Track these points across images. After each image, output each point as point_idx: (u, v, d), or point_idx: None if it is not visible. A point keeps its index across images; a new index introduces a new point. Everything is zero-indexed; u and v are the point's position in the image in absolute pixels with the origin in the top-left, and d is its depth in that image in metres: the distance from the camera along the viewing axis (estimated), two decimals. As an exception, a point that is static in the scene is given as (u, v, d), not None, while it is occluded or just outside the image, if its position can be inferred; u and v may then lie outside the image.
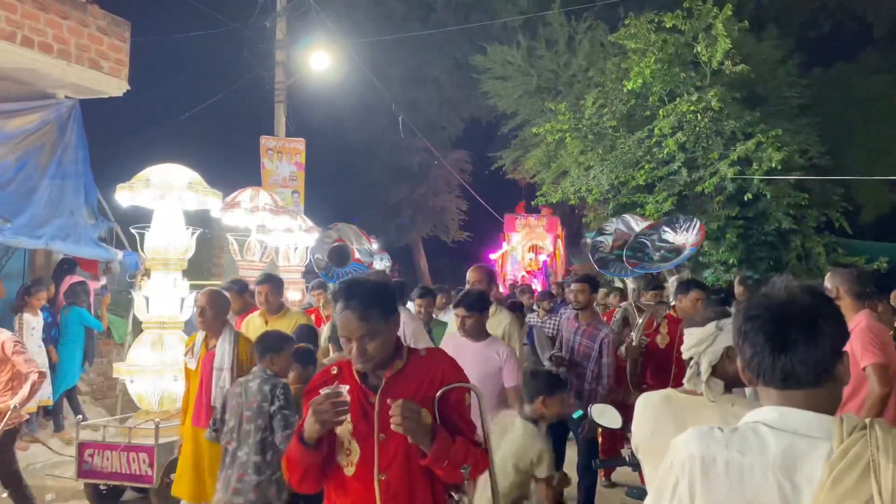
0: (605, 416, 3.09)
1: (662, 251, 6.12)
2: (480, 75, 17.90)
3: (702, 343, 2.30)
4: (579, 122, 13.49)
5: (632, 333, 5.56)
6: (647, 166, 12.51)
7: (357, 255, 7.66)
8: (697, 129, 12.05)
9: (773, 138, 11.40)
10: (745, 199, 11.83)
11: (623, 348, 5.39)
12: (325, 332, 5.74)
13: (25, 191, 8.45)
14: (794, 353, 1.38)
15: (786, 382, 1.39)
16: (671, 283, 6.39)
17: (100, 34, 8.90)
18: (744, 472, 1.34)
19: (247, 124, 16.02)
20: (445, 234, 24.40)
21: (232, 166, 14.90)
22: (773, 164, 11.22)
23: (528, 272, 19.31)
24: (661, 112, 12.32)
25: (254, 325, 5.57)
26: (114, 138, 14.60)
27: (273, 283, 5.75)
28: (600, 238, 6.76)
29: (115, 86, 9.27)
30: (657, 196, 12.39)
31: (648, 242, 6.26)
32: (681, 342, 3.81)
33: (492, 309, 4.82)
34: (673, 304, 5.57)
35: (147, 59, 12.01)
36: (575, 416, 4.29)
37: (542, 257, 19.70)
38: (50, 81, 8.92)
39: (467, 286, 5.25)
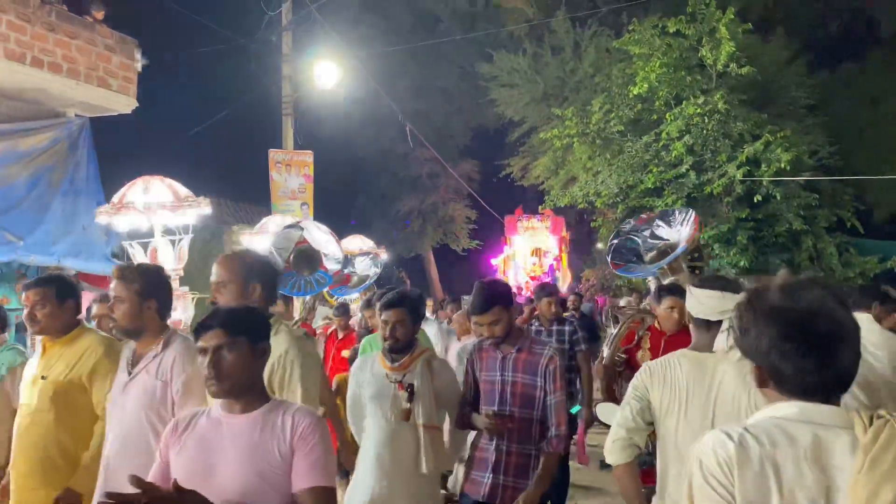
0: (611, 413, 3.03)
1: (656, 250, 5.42)
2: (487, 83, 17.98)
3: None
4: (586, 128, 13.50)
5: (603, 348, 4.84)
6: (655, 170, 12.48)
7: (325, 262, 6.49)
8: (705, 131, 12.02)
9: (782, 139, 11.35)
10: (755, 200, 11.77)
11: (595, 366, 4.76)
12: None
13: (38, 208, 8.55)
14: (841, 372, 1.41)
15: (823, 396, 1.41)
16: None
17: (108, 53, 9.02)
18: (778, 466, 1.36)
19: (255, 138, 16.14)
20: (455, 243, 24.42)
21: (241, 180, 15.03)
22: (782, 165, 11.17)
23: (532, 278, 18.55)
24: (668, 116, 12.31)
25: None
26: (124, 155, 14.74)
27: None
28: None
29: (124, 103, 9.39)
30: (666, 199, 12.35)
31: (640, 240, 5.63)
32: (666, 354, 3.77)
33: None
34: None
35: (155, 76, 12.14)
36: (573, 410, 4.22)
37: (548, 261, 18.93)
38: (60, 100, 9.04)
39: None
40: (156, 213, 6.49)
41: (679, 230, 5.38)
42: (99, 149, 9.54)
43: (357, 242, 10.64)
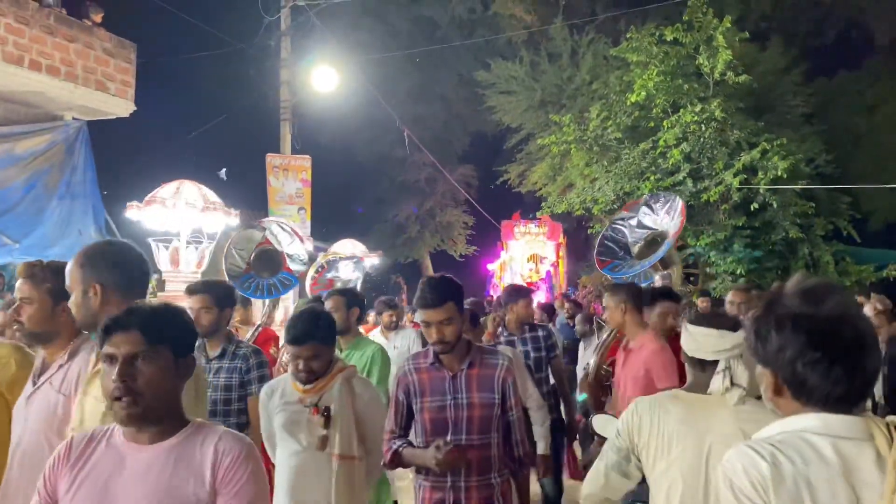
0: (607, 426, 2.91)
1: (643, 241, 5.01)
2: (485, 90, 18.02)
3: (735, 348, 2.17)
4: (584, 135, 13.53)
5: (588, 363, 4.53)
6: (652, 177, 12.51)
7: (288, 263, 6.21)
8: (702, 139, 12.05)
9: (779, 147, 11.39)
10: (752, 208, 11.80)
11: (580, 381, 4.49)
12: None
13: (34, 211, 8.55)
14: (867, 380, 1.38)
15: (847, 406, 1.38)
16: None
17: (106, 56, 9.02)
18: (812, 485, 1.32)
19: (253, 142, 16.14)
20: (453, 249, 24.43)
21: (238, 184, 15.00)
22: (779, 173, 11.20)
23: (528, 284, 18.46)
24: (665, 123, 12.34)
25: None
26: (121, 159, 14.73)
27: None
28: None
29: (121, 107, 9.40)
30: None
31: (626, 229, 5.15)
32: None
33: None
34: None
35: (153, 80, 12.15)
36: (580, 398, 4.12)
37: (545, 267, 18.75)
38: (57, 104, 9.04)
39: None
40: (184, 213, 6.49)
41: (664, 218, 5.01)
42: (96, 152, 9.54)
43: (348, 246, 10.46)
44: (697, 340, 2.28)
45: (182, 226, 6.85)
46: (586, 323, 7.01)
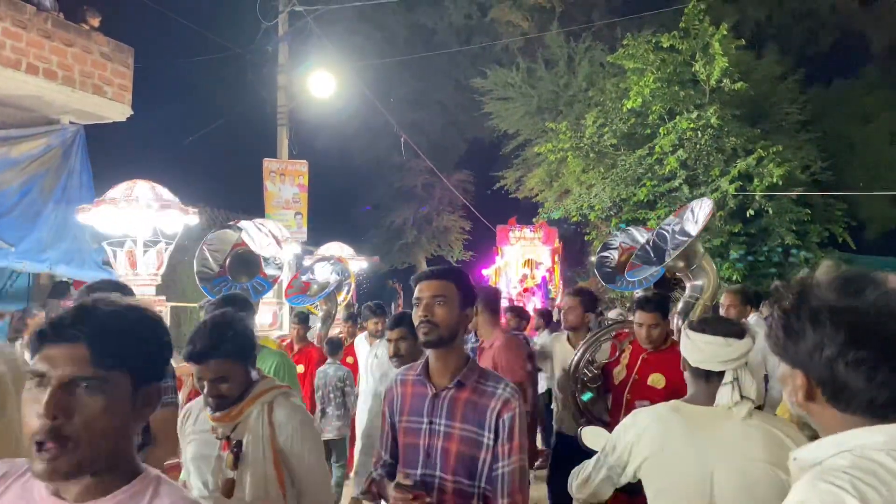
0: (597, 439, 2.68)
1: (679, 247, 4.53)
2: (482, 97, 18.07)
3: (743, 357, 2.03)
4: (580, 141, 13.57)
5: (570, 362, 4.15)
6: (648, 183, 12.55)
7: (263, 268, 5.71)
8: (698, 146, 12.10)
9: (774, 154, 11.44)
10: (748, 215, 11.84)
11: (559, 379, 4.06)
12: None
13: (30, 215, 8.53)
14: None
15: (895, 413, 1.18)
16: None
17: (103, 60, 9.03)
18: None
19: (250, 147, 16.14)
20: (450, 254, 24.44)
21: (235, 189, 15.01)
22: (774, 180, 11.25)
23: (525, 290, 18.33)
24: (661, 130, 12.39)
25: None
26: (118, 163, 14.71)
27: None
28: (605, 253, 6.59)
29: (118, 111, 9.40)
30: (659, 212, 12.41)
31: (668, 235, 4.74)
32: (641, 375, 3.52)
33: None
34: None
35: (150, 84, 12.15)
36: (585, 397, 3.97)
37: (540, 272, 18.63)
38: (54, 108, 9.03)
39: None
40: (136, 213, 6.14)
41: (700, 225, 4.57)
42: (93, 156, 9.53)
43: (335, 249, 10.22)
44: (701, 349, 2.06)
45: (137, 227, 6.46)
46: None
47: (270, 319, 7.87)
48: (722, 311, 4.93)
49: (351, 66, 15.92)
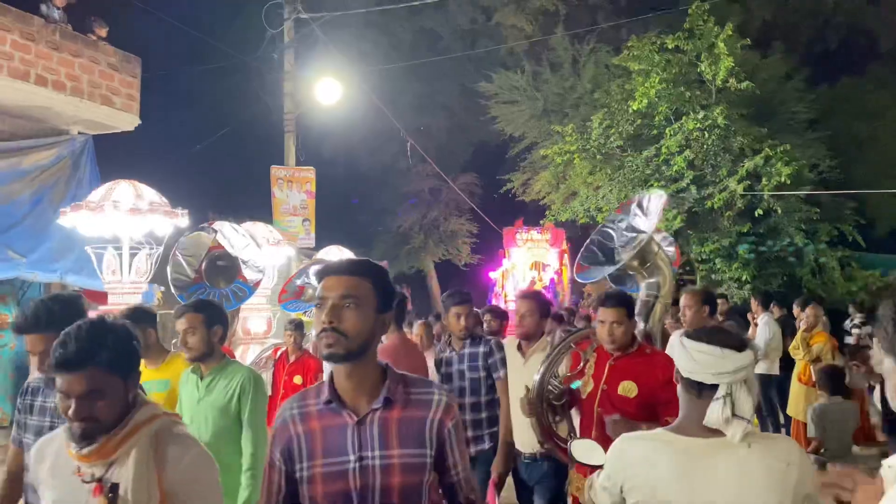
0: (589, 453, 2.57)
1: (631, 247, 4.21)
2: (488, 101, 18.09)
3: (739, 371, 1.85)
4: (587, 144, 13.56)
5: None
6: (656, 184, 12.51)
7: (243, 271, 5.33)
8: (705, 146, 12.07)
9: (782, 153, 11.40)
10: (756, 214, 11.80)
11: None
12: None
13: (41, 226, 8.59)
14: None
15: None
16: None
17: (111, 71, 9.10)
18: None
19: (257, 155, 16.21)
20: (457, 259, 24.44)
21: (243, 196, 15.08)
22: (783, 179, 11.21)
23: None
24: (667, 131, 12.37)
25: None
26: (126, 172, 14.80)
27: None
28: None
29: (126, 121, 9.47)
30: (667, 213, 12.36)
31: (614, 232, 4.39)
32: (609, 384, 3.16)
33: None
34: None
35: (158, 94, 12.23)
36: (574, 385, 3.81)
37: (548, 275, 18.40)
38: (63, 118, 9.11)
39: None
40: (120, 217, 5.67)
41: (652, 219, 4.27)
42: (101, 166, 9.59)
43: (335, 252, 9.90)
44: (694, 359, 1.90)
45: (120, 230, 6.09)
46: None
47: (265, 327, 7.40)
48: (681, 312, 4.84)
49: (356, 72, 15.98)
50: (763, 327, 7.54)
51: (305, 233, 12.75)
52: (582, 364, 3.40)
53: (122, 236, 6.11)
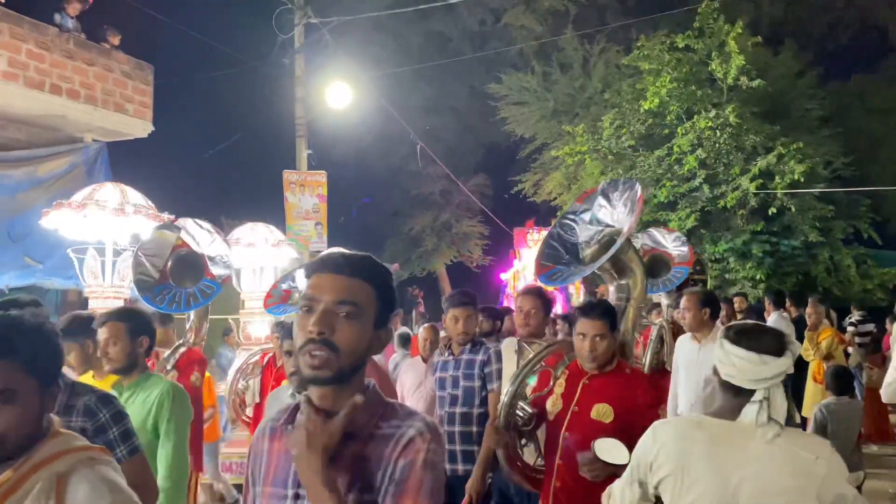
0: (613, 452, 2.52)
1: (597, 243, 3.70)
2: (498, 102, 18.10)
3: (778, 377, 1.87)
4: (598, 144, 13.53)
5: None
6: (668, 184, 12.47)
7: (210, 268, 5.08)
8: (717, 144, 12.02)
9: (795, 151, 11.33)
10: (770, 213, 11.73)
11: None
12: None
13: (57, 233, 8.65)
14: None
15: None
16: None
17: (124, 78, 9.18)
18: None
19: (269, 159, 16.30)
20: (469, 260, 24.43)
21: (256, 201, 15.14)
22: (796, 177, 11.14)
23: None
24: (679, 130, 12.32)
25: None
26: (140, 179, 14.91)
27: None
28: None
29: (140, 127, 9.55)
30: (680, 213, 12.33)
31: (577, 225, 3.79)
32: (582, 406, 2.76)
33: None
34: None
35: (170, 100, 12.32)
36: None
37: None
38: (78, 126, 9.20)
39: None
40: (103, 218, 5.46)
41: (621, 210, 3.67)
42: (116, 173, 9.67)
43: None
44: (734, 364, 1.89)
45: (103, 232, 5.88)
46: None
47: (267, 331, 7.01)
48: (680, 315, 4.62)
49: (366, 76, 16.03)
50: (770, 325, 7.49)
51: (318, 236, 12.78)
52: (552, 383, 2.98)
53: (104, 238, 5.90)
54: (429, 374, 4.71)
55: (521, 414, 3.04)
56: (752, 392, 1.87)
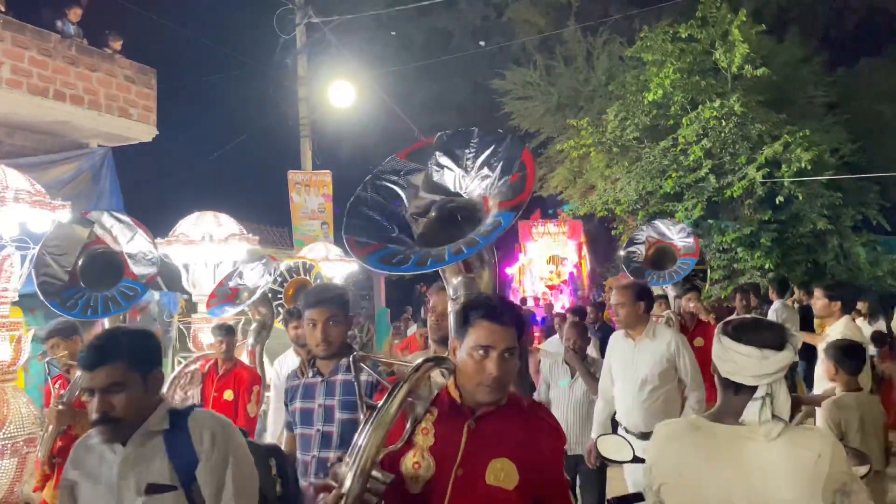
0: (616, 449, 2.49)
1: (434, 214, 2.56)
2: (502, 97, 18.05)
3: (780, 371, 1.79)
4: (602, 136, 13.48)
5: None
6: (674, 175, 12.41)
7: (131, 267, 4.44)
8: (722, 134, 11.94)
9: (802, 138, 11.25)
10: (777, 202, 11.65)
11: None
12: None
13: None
14: None
15: None
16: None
17: (127, 83, 9.20)
18: None
19: (274, 160, 16.31)
20: (476, 256, 24.41)
21: (261, 202, 15.17)
22: (803, 165, 11.06)
23: (549, 287, 17.05)
24: (684, 120, 12.25)
25: None
26: (146, 182, 14.97)
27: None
28: (632, 248, 6.48)
29: (144, 132, 9.58)
30: (686, 203, 12.27)
31: (402, 190, 2.60)
32: (471, 469, 1.67)
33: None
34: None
35: (174, 103, 12.34)
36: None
37: (566, 269, 17.28)
38: (82, 132, 9.23)
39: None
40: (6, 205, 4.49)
41: (478, 174, 2.48)
42: (121, 177, 9.70)
43: (320, 250, 8.93)
44: (735, 361, 1.81)
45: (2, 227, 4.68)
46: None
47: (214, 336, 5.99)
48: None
49: (369, 74, 16.01)
50: (771, 314, 7.41)
51: (324, 236, 12.78)
52: (409, 428, 1.79)
53: (4, 233, 4.70)
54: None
55: (376, 488, 1.61)
56: (753, 389, 1.79)
